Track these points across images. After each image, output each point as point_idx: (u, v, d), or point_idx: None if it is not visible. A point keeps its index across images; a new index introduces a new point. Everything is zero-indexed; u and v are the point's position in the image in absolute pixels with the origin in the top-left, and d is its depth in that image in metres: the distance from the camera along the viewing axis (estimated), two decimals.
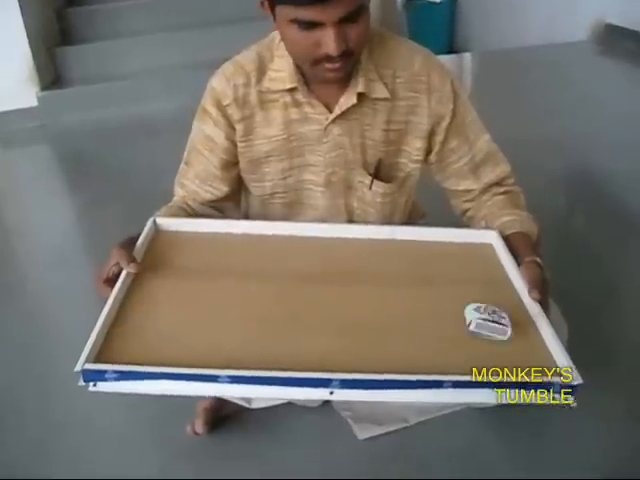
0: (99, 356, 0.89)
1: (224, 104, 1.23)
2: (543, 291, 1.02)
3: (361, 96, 1.19)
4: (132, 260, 1.04)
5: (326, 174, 1.27)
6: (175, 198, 1.33)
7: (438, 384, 0.86)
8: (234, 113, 1.23)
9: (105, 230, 2.32)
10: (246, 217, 1.41)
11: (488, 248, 1.18)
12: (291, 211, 1.32)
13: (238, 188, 1.34)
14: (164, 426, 1.43)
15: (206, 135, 1.26)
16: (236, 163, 1.29)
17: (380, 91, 1.20)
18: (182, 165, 1.32)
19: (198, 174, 1.29)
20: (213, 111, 1.23)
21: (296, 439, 1.35)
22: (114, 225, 1.35)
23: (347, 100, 1.19)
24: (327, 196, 1.29)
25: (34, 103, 3.90)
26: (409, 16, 6.04)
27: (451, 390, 0.87)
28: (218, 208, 1.32)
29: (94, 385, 0.87)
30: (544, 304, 1.01)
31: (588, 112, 3.03)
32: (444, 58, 1.22)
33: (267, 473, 1.29)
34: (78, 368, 0.85)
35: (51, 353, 1.78)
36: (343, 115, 1.21)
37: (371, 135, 1.24)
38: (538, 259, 1.08)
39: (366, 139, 1.25)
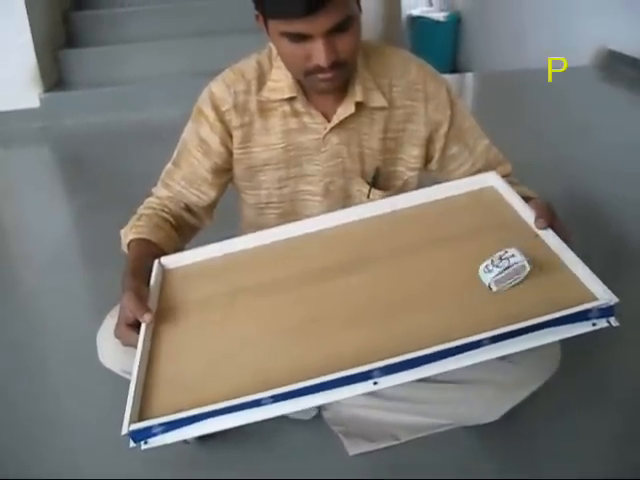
0: (142, 414, 0.87)
1: (223, 110, 1.23)
2: (549, 217, 1.01)
3: (359, 105, 1.21)
4: (146, 310, 1.00)
5: (324, 183, 1.27)
6: (151, 199, 1.30)
7: (477, 344, 0.84)
8: (233, 119, 1.23)
9: (102, 234, 2.32)
10: (241, 230, 1.41)
11: (490, 191, 1.16)
12: (286, 223, 1.32)
13: (221, 197, 1.33)
14: None
15: (201, 138, 1.26)
16: (227, 170, 1.29)
17: (378, 100, 1.22)
18: (169, 165, 1.30)
19: (185, 176, 1.28)
20: (211, 115, 1.24)
21: (286, 452, 1.34)
22: (111, 230, 1.35)
23: (345, 109, 1.21)
24: (325, 205, 1.29)
25: (36, 104, 3.91)
26: (412, 34, 6.11)
27: (491, 346, 0.84)
28: (197, 214, 1.31)
29: (145, 443, 0.85)
30: (559, 232, 1.00)
31: (588, 138, 3.04)
32: (446, 77, 1.24)
33: None
34: (125, 431, 0.82)
35: (45, 353, 1.78)
36: (341, 124, 1.22)
37: (369, 144, 1.26)
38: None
39: (364, 148, 1.26)
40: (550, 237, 0.99)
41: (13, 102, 3.82)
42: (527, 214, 1.05)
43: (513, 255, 0.91)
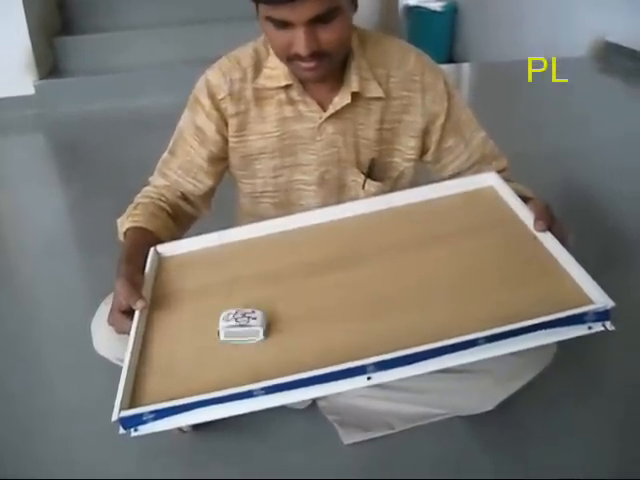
0: (133, 401, 0.86)
1: (219, 98, 1.23)
2: (547, 219, 1.01)
3: (355, 95, 1.20)
4: (139, 297, 0.99)
5: (319, 172, 1.27)
6: (148, 188, 1.29)
7: (472, 343, 0.83)
8: (228, 107, 1.23)
9: (96, 222, 2.32)
10: (238, 219, 1.41)
11: (489, 191, 1.15)
12: (281, 212, 1.32)
13: (217, 185, 1.33)
14: None
15: (197, 126, 1.26)
16: (224, 158, 1.29)
17: (374, 90, 1.21)
18: (166, 154, 1.30)
19: (181, 165, 1.27)
20: (207, 103, 1.23)
21: (282, 441, 1.34)
22: (106, 217, 1.35)
23: (341, 99, 1.20)
24: (320, 195, 1.29)
25: (31, 91, 3.88)
26: (409, 24, 6.08)
27: (486, 346, 0.84)
28: (194, 203, 1.30)
29: (135, 430, 0.85)
30: (557, 233, 1.00)
31: (584, 129, 3.04)
32: (443, 68, 1.24)
33: (251, 474, 1.28)
34: (115, 417, 0.82)
35: (40, 342, 1.78)
36: (337, 114, 1.22)
37: (364, 134, 1.25)
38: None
39: (360, 138, 1.25)
40: (548, 239, 0.99)
41: (7, 89, 3.79)
42: (526, 215, 1.04)
43: (255, 318, 0.92)
